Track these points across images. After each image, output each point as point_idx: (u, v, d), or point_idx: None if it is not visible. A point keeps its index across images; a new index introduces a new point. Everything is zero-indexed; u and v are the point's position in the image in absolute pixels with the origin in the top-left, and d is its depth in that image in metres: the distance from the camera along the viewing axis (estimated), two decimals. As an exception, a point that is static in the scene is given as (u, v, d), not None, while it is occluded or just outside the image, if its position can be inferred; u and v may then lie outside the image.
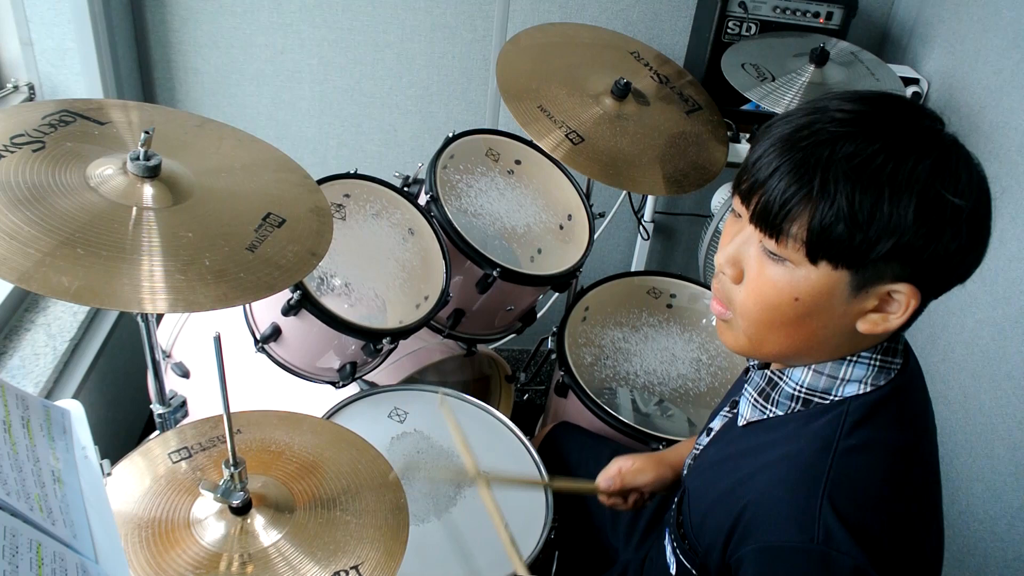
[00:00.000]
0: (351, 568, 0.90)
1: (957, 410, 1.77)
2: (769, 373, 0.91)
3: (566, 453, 1.43)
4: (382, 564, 0.91)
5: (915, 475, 0.83)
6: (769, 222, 0.78)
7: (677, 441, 1.42)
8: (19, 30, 1.68)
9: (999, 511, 1.69)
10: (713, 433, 1.02)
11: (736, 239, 0.84)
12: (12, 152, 0.97)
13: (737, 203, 0.83)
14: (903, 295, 0.77)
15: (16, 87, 1.72)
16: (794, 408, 0.87)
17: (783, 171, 0.76)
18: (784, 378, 0.88)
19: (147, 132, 0.99)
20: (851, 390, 0.83)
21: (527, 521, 1.27)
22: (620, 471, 1.23)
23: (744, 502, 0.84)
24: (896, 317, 0.78)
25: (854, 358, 0.83)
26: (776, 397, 0.89)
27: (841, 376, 0.84)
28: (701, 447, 1.04)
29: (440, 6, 1.99)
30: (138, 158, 0.99)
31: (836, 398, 0.84)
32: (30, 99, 1.74)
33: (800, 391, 0.86)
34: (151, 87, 2.01)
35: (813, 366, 0.85)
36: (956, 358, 1.81)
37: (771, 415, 0.89)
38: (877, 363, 0.83)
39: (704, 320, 1.76)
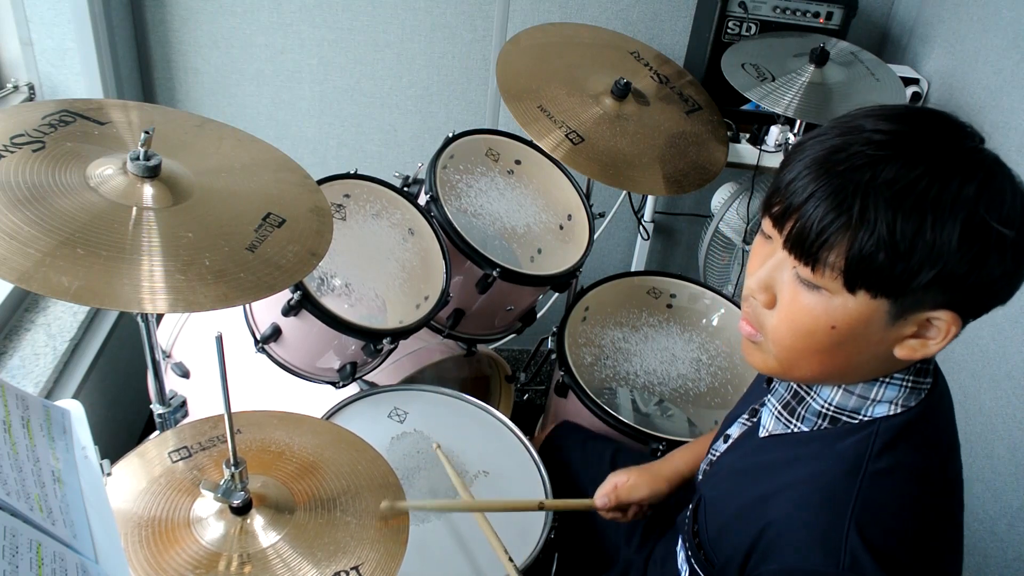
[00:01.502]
0: (351, 568, 0.90)
1: (957, 410, 1.77)
2: (795, 386, 0.89)
3: (567, 453, 1.43)
4: (382, 564, 0.91)
5: (940, 499, 0.82)
6: (805, 249, 0.75)
7: (677, 441, 1.42)
8: (19, 30, 1.68)
9: (999, 511, 1.69)
10: (731, 440, 1.00)
11: (768, 263, 0.80)
12: (12, 152, 0.97)
13: (768, 226, 0.80)
14: (943, 322, 0.75)
15: (16, 87, 1.72)
16: (821, 425, 0.85)
17: (819, 196, 0.73)
18: (812, 394, 0.86)
19: (147, 132, 0.99)
20: (881, 411, 0.81)
21: (527, 521, 1.27)
22: (616, 487, 1.22)
23: (767, 520, 0.82)
24: (935, 343, 0.76)
25: (887, 379, 0.81)
26: (802, 412, 0.87)
27: (872, 397, 0.82)
28: (718, 453, 1.02)
29: (440, 6, 1.99)
30: (138, 158, 0.99)
31: (865, 418, 0.82)
32: (30, 99, 1.74)
33: (828, 409, 0.84)
34: (151, 87, 2.01)
35: (844, 385, 0.83)
36: (956, 358, 1.81)
37: (795, 430, 0.87)
38: (909, 384, 0.81)
39: (704, 320, 1.76)
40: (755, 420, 0.95)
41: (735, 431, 1.00)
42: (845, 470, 0.79)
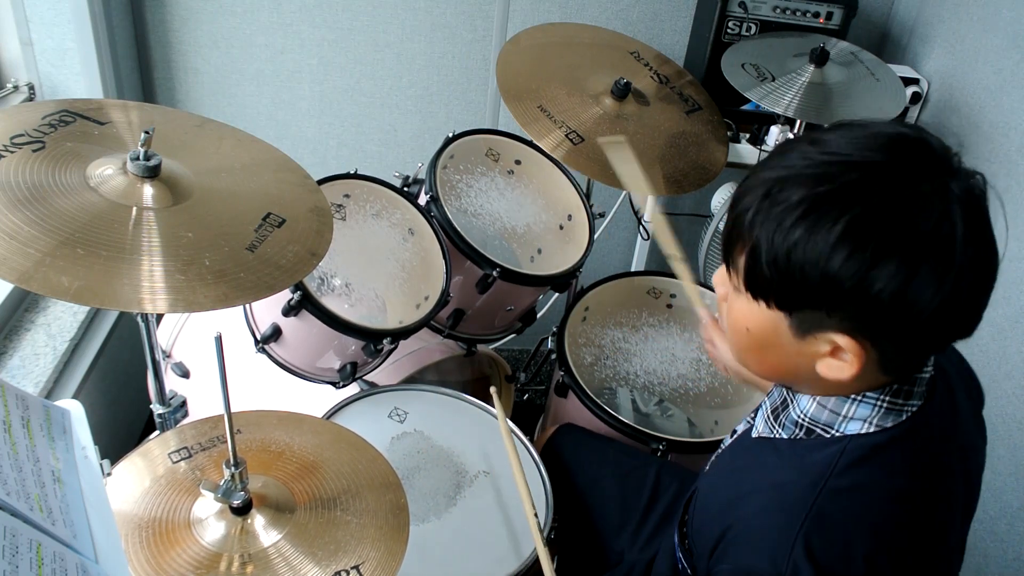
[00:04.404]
0: (352, 568, 0.90)
1: (957, 410, 1.77)
2: (785, 392, 0.89)
3: (568, 456, 1.43)
4: (383, 564, 0.91)
5: (917, 525, 0.80)
6: (723, 249, 0.80)
7: (677, 441, 1.42)
8: (19, 30, 1.68)
9: (999, 511, 1.69)
10: (735, 436, 1.01)
11: None
12: (12, 152, 0.97)
13: None
14: (851, 350, 0.74)
15: (16, 87, 1.72)
16: (797, 434, 0.85)
17: (737, 203, 0.77)
18: (794, 402, 0.87)
19: (147, 132, 0.99)
20: (853, 428, 0.81)
21: (526, 521, 1.27)
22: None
23: (731, 520, 0.84)
24: (848, 368, 0.75)
25: (859, 397, 0.80)
26: (783, 419, 0.88)
27: (844, 413, 0.81)
28: (723, 447, 1.03)
29: (440, 6, 1.99)
30: (138, 158, 0.99)
31: (837, 434, 0.81)
32: (30, 99, 1.74)
33: (804, 419, 0.84)
34: (151, 87, 2.01)
35: (818, 398, 0.83)
36: (956, 358, 1.81)
37: (776, 435, 0.88)
38: (884, 404, 0.80)
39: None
40: (754, 421, 0.97)
41: (740, 427, 1.01)
42: (807, 483, 0.79)
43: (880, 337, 0.73)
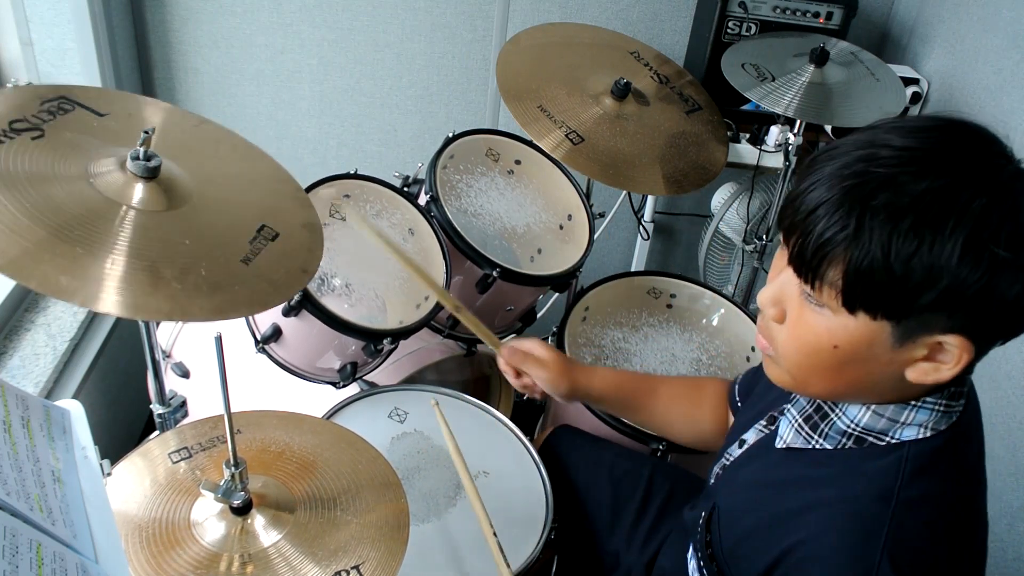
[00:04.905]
0: (351, 568, 0.90)
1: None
2: (819, 400, 0.86)
3: (566, 456, 1.43)
4: (383, 564, 0.91)
5: (970, 529, 0.80)
6: (805, 265, 0.73)
7: (677, 443, 1.42)
8: (19, 30, 1.68)
9: (999, 511, 1.69)
10: (747, 446, 0.97)
11: (780, 277, 0.79)
12: (11, 139, 0.95)
13: (781, 238, 0.79)
14: (955, 347, 0.71)
15: (16, 87, 1.72)
16: (846, 444, 0.82)
17: (822, 212, 0.71)
18: (838, 412, 0.84)
19: (146, 132, 0.98)
20: (910, 434, 0.78)
21: (527, 521, 1.27)
22: (528, 353, 1.20)
23: (795, 539, 0.80)
24: (948, 368, 0.73)
25: (918, 403, 0.78)
26: (826, 429, 0.84)
27: (902, 420, 0.79)
28: (732, 458, 0.99)
29: (440, 6, 1.99)
30: (138, 157, 0.99)
31: (893, 441, 0.79)
32: (30, 99, 1.74)
33: (855, 429, 0.81)
34: (151, 87, 2.01)
35: (873, 406, 0.80)
36: (956, 358, 1.81)
37: (818, 446, 0.85)
38: (942, 408, 0.78)
39: (704, 320, 1.76)
40: (773, 429, 0.93)
41: (751, 437, 0.98)
42: (876, 495, 0.77)
43: (989, 333, 0.72)
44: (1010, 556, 1.67)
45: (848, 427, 0.82)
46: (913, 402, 0.78)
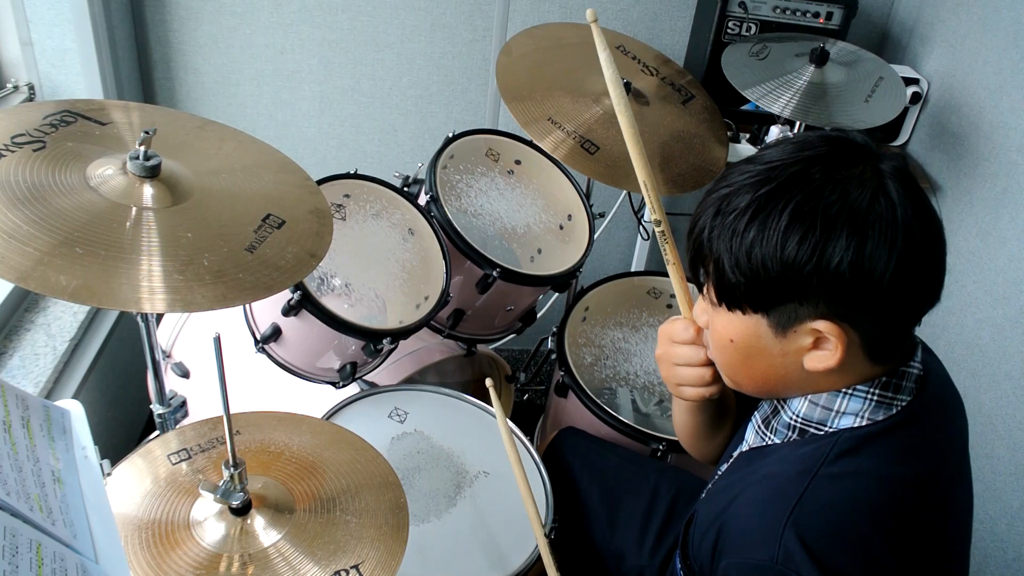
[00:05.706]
0: (351, 568, 0.90)
1: (957, 410, 1.77)
2: (775, 401, 0.90)
3: (570, 459, 1.43)
4: (383, 563, 0.91)
5: (913, 515, 0.81)
6: (692, 275, 0.85)
7: (677, 442, 1.42)
8: (19, 30, 1.68)
9: (999, 511, 1.69)
10: (731, 461, 1.01)
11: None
12: (13, 152, 0.97)
13: None
14: (828, 333, 0.77)
15: (16, 87, 1.72)
16: (790, 437, 0.87)
17: (693, 229, 0.82)
18: (784, 407, 0.88)
19: (147, 132, 0.99)
20: (846, 423, 0.82)
21: (527, 521, 1.27)
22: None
23: (723, 520, 0.85)
24: (832, 355, 0.78)
25: (849, 391, 0.82)
26: (775, 425, 0.89)
27: (836, 408, 0.83)
28: (719, 474, 1.02)
29: (440, 6, 1.99)
30: (138, 157, 0.99)
31: (831, 430, 0.83)
32: (30, 99, 1.74)
33: (796, 420, 0.86)
34: (151, 87, 2.01)
35: (809, 397, 0.84)
36: (956, 358, 1.81)
37: (769, 442, 0.90)
38: (874, 397, 0.82)
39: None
40: (742, 437, 0.97)
41: (736, 450, 1.01)
42: (797, 472, 0.81)
43: (854, 312, 0.76)
44: (1010, 556, 1.67)
45: (791, 419, 0.86)
46: (844, 390, 0.82)
